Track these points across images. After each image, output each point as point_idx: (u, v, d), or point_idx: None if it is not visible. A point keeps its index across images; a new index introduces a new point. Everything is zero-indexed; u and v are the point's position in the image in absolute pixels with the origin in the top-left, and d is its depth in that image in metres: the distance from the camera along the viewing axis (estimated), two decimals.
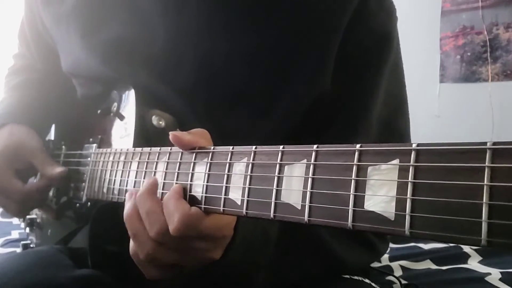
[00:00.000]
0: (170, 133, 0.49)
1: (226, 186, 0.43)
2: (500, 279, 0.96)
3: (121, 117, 0.70)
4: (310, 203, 0.34)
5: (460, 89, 2.39)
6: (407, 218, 0.27)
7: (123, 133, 0.69)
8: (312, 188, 0.34)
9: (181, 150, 0.50)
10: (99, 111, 0.77)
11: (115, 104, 0.72)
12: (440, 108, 2.41)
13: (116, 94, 0.73)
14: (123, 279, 0.69)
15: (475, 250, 1.16)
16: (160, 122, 0.64)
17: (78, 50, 0.76)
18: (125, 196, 0.60)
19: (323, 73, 0.64)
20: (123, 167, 0.62)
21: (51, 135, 0.95)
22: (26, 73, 0.97)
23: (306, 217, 0.34)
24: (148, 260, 0.49)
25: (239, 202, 0.41)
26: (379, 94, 0.65)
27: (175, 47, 0.67)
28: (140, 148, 0.59)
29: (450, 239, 0.25)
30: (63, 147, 0.87)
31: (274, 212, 0.37)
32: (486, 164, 0.24)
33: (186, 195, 0.48)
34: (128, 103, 0.69)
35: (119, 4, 0.72)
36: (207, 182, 0.45)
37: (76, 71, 0.80)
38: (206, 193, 0.45)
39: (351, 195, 0.31)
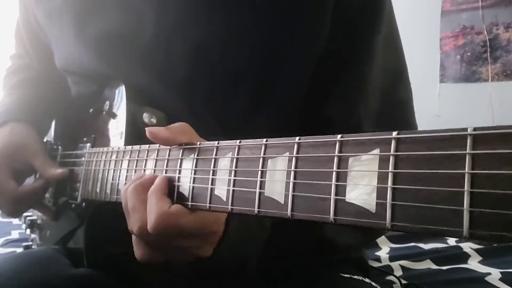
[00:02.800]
0: (146, 128, 0.48)
1: (212, 182, 0.42)
2: (500, 279, 0.96)
3: (113, 116, 0.69)
4: (292, 197, 0.34)
5: (460, 89, 2.38)
6: (388, 210, 0.26)
7: (115, 131, 0.69)
8: (294, 182, 0.34)
9: (169, 147, 0.50)
10: (91, 110, 0.76)
11: (107, 102, 0.71)
12: (440, 108, 2.40)
13: (108, 92, 0.73)
14: (119, 278, 0.69)
15: (475, 250, 1.16)
16: (152, 119, 0.63)
17: (71, 45, 0.76)
18: (117, 195, 0.59)
19: (319, 40, 0.63)
20: (114, 166, 0.61)
21: (49, 135, 0.94)
22: (24, 72, 0.97)
23: (289, 212, 0.33)
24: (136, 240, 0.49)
25: (224, 198, 0.40)
26: (374, 61, 0.64)
27: (168, 39, 0.66)
28: (130, 146, 0.58)
29: (432, 231, 0.24)
30: (59, 147, 0.87)
31: (258, 207, 0.36)
32: (467, 151, 0.23)
33: (174, 192, 0.47)
34: (120, 101, 0.68)
35: None
36: (194, 179, 0.45)
37: (69, 68, 0.79)
38: (193, 190, 0.45)
39: (332, 188, 0.30)
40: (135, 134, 0.64)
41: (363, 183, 0.28)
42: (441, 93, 2.43)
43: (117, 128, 0.68)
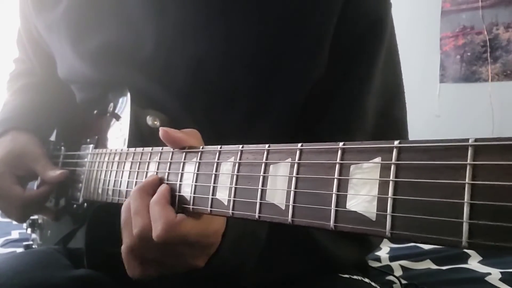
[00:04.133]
0: (161, 128, 0.49)
1: (213, 186, 0.43)
2: (500, 279, 0.96)
3: (117, 117, 0.70)
4: (294, 203, 0.34)
5: (460, 89, 2.39)
6: (388, 218, 0.27)
7: (118, 133, 0.69)
8: (296, 187, 0.34)
9: (171, 150, 0.50)
10: (95, 112, 0.77)
11: (111, 104, 0.72)
12: (440, 108, 2.40)
13: (112, 95, 0.73)
14: (120, 279, 0.69)
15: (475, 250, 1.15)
16: (155, 122, 0.64)
17: (71, 57, 0.76)
18: (119, 196, 0.60)
19: (318, 62, 0.64)
20: (117, 168, 0.62)
21: (53, 136, 0.95)
22: (27, 77, 0.97)
23: (289, 218, 0.34)
24: (129, 252, 0.50)
25: (225, 203, 0.41)
26: (372, 83, 0.65)
27: (167, 51, 0.67)
28: (133, 148, 0.59)
29: (431, 240, 0.24)
30: (62, 148, 0.88)
31: (259, 212, 0.37)
32: (468, 161, 0.23)
33: (175, 196, 0.47)
34: (124, 103, 0.69)
35: (108, 9, 0.72)
36: (196, 182, 0.45)
37: (72, 78, 0.80)
38: (194, 193, 0.45)
39: (333, 195, 0.30)
40: (138, 136, 0.64)
41: (364, 191, 0.29)
42: (441, 93, 2.43)
43: (120, 130, 0.68)
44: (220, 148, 0.43)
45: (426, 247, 1.23)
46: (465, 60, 2.35)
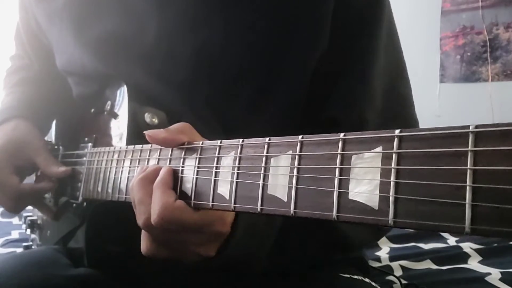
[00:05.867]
0: (144, 132, 0.48)
1: (214, 181, 0.43)
2: (500, 279, 0.96)
3: (115, 116, 0.70)
4: (295, 195, 0.34)
5: (460, 89, 2.38)
6: (391, 206, 0.27)
7: (117, 131, 0.69)
8: (297, 179, 0.34)
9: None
10: (92, 110, 0.77)
11: (109, 102, 0.71)
12: (440, 108, 2.40)
13: (110, 92, 0.73)
14: (120, 278, 0.69)
15: (475, 250, 1.16)
16: (153, 119, 0.63)
17: (72, 47, 0.76)
18: (119, 194, 0.60)
19: (320, 41, 0.63)
20: (116, 166, 0.61)
21: (50, 136, 0.95)
22: (24, 72, 0.97)
23: (292, 210, 0.34)
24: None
25: (227, 197, 0.41)
26: (376, 60, 0.65)
27: (169, 41, 0.67)
28: (132, 146, 0.58)
29: (433, 227, 0.24)
30: (60, 147, 0.87)
31: (261, 205, 0.36)
32: (469, 148, 0.23)
33: (177, 188, 0.47)
34: (122, 101, 0.69)
35: None
36: (197, 177, 0.45)
37: (70, 69, 0.80)
38: (195, 188, 0.45)
39: (335, 185, 0.30)
40: (137, 134, 0.64)
41: (365, 181, 0.29)
42: (441, 93, 2.43)
43: (118, 128, 0.68)
44: (220, 142, 0.43)
45: (426, 247, 1.24)
46: (465, 60, 2.35)
